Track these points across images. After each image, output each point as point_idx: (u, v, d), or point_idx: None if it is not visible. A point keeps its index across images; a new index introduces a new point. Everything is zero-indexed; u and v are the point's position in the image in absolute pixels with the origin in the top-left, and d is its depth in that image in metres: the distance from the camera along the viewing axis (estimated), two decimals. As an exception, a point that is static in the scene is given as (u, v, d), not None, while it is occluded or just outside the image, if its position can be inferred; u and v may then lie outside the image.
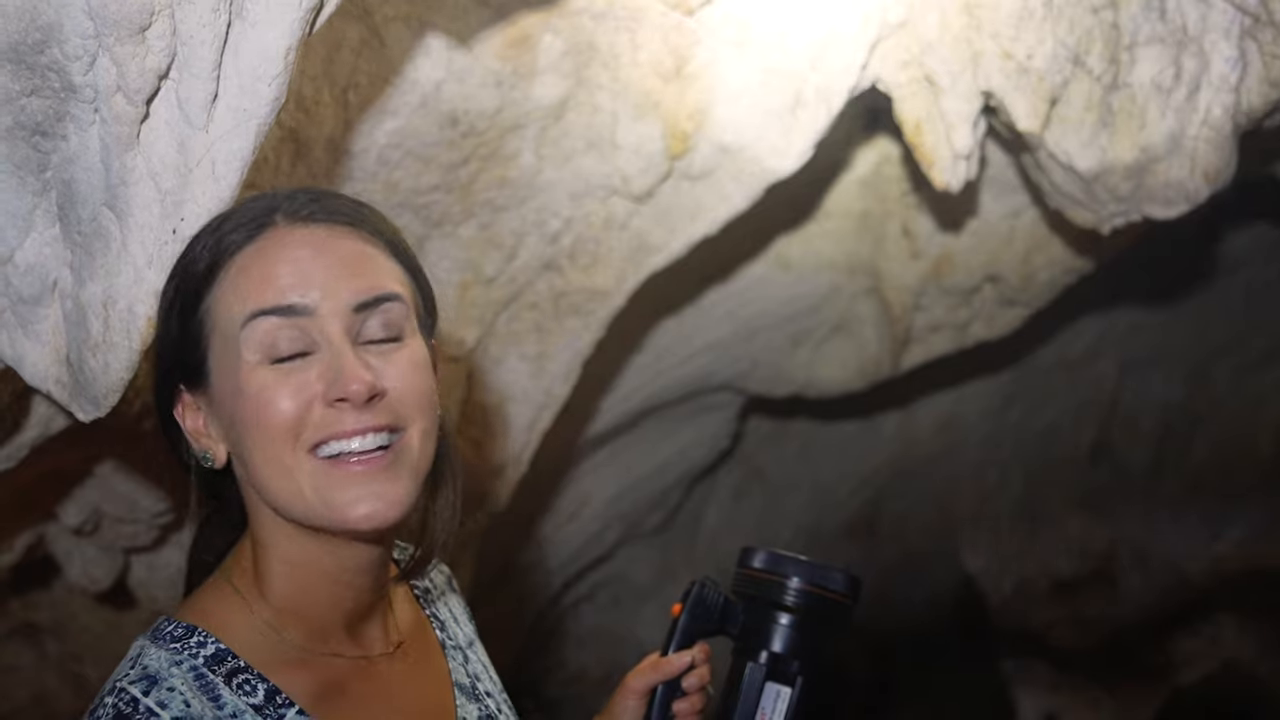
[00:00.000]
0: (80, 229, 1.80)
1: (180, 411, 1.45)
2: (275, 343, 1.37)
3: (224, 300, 1.39)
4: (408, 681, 1.59)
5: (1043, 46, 2.88)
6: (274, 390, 1.36)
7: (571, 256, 3.10)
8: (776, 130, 2.97)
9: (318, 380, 1.37)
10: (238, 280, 1.39)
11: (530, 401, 3.18)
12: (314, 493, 1.38)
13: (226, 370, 1.38)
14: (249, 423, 1.37)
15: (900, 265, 4.23)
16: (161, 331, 1.47)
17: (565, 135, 2.93)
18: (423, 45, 2.62)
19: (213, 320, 1.39)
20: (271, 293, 1.37)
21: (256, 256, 1.40)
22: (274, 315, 1.36)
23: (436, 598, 1.77)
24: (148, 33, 1.64)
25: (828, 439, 6.03)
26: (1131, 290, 5.99)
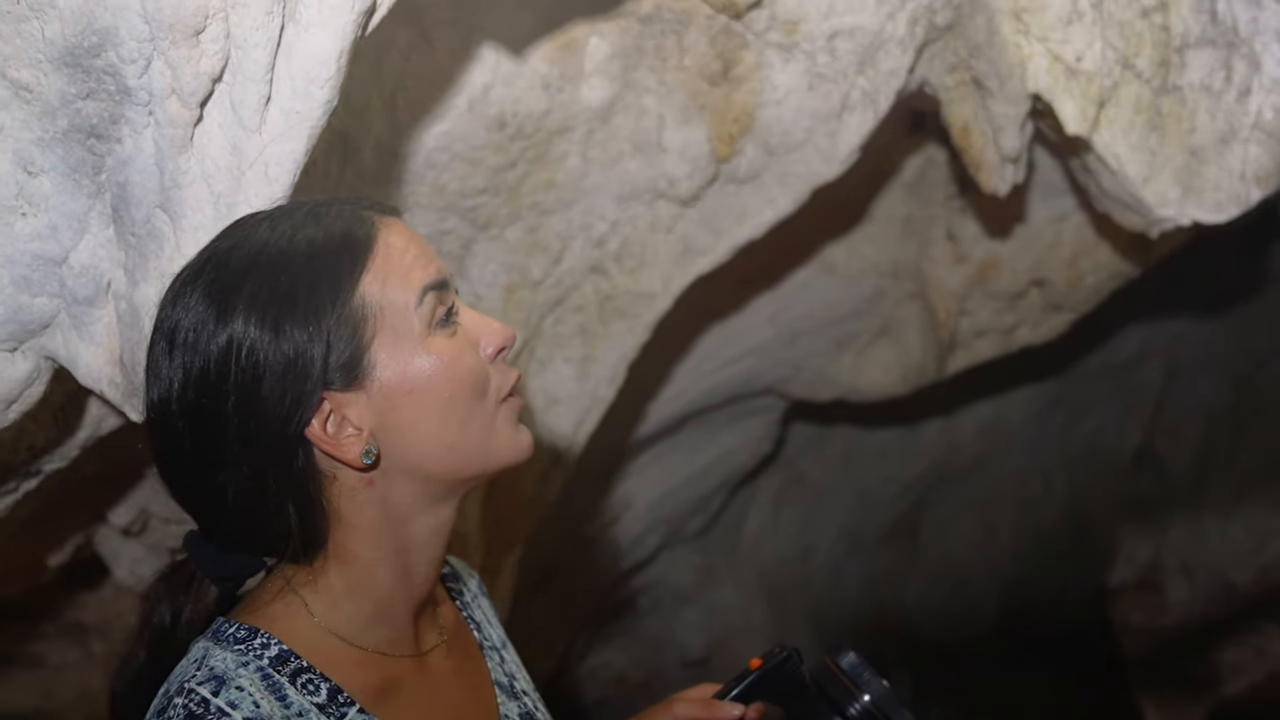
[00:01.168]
0: (134, 231, 1.81)
1: (322, 426, 1.39)
2: (438, 315, 1.44)
3: (385, 286, 1.41)
4: (455, 678, 1.62)
5: (1092, 49, 2.87)
6: (459, 354, 1.44)
7: (618, 259, 3.10)
8: (823, 133, 2.96)
9: (474, 337, 1.48)
10: (391, 266, 1.42)
11: (576, 404, 3.18)
12: (504, 436, 1.49)
13: (401, 351, 1.41)
14: (444, 388, 1.42)
15: (945, 269, 4.21)
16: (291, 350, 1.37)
17: (612, 138, 2.94)
18: (471, 49, 2.63)
19: (375, 307, 1.39)
20: (429, 268, 1.45)
21: (392, 242, 1.44)
22: (438, 289, 1.44)
23: (470, 600, 1.81)
24: (202, 36, 1.65)
25: (870, 444, 6.02)
26: (1178, 296, 5.96)
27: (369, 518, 1.45)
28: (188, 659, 1.41)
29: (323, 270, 1.38)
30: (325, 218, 1.43)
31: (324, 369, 1.37)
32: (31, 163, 1.76)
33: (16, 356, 1.91)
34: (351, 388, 1.40)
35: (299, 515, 1.42)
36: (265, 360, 1.35)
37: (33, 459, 2.41)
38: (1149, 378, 6.84)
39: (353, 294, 1.38)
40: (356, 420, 1.40)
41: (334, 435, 1.39)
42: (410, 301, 1.41)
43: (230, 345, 1.35)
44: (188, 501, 1.46)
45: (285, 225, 1.42)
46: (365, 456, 1.40)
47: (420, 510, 1.47)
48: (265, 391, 1.35)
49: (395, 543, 1.47)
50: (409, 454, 1.43)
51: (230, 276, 1.38)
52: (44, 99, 1.70)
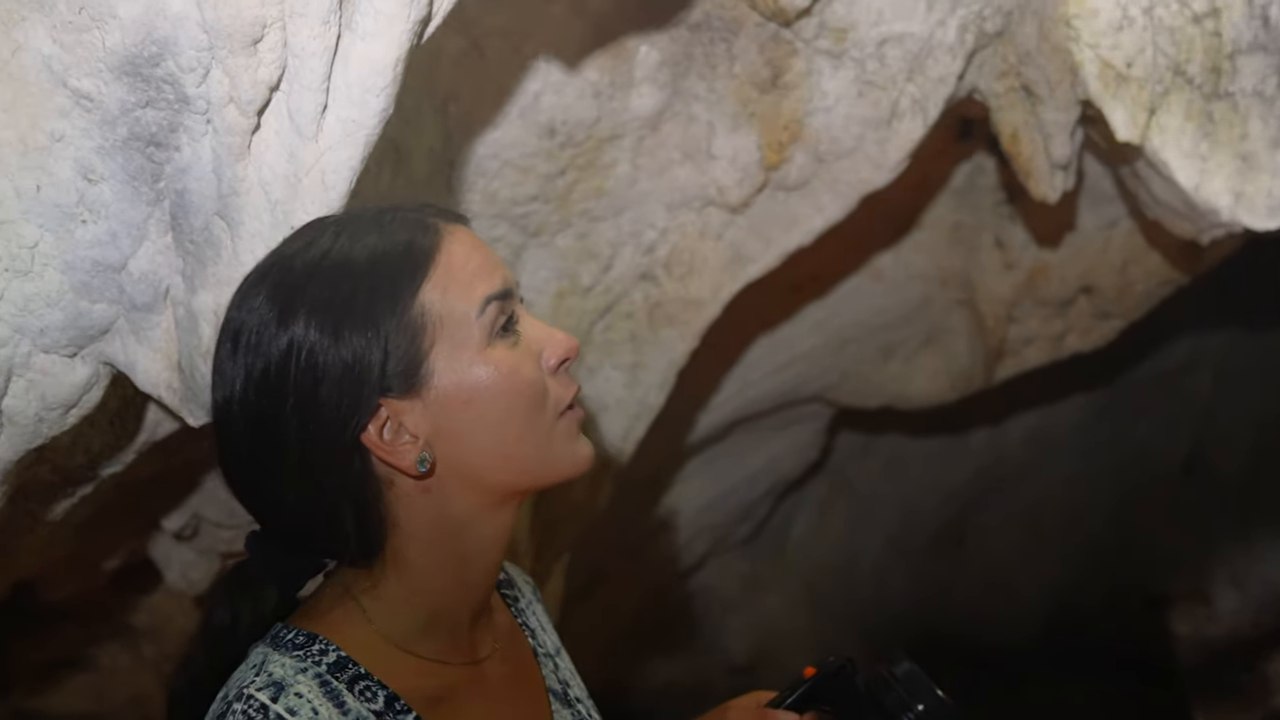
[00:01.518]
0: (192, 238, 1.83)
1: (379, 432, 1.40)
2: (499, 325, 1.44)
3: (446, 295, 1.41)
4: (510, 686, 1.62)
5: (1142, 55, 2.85)
6: (519, 364, 1.43)
7: (667, 267, 3.11)
8: (872, 140, 2.96)
9: (536, 348, 1.47)
10: (451, 276, 1.42)
11: (625, 411, 3.19)
12: (562, 448, 1.47)
13: (461, 360, 1.41)
14: (502, 399, 1.42)
15: (993, 277, 4.20)
16: (349, 355, 1.38)
17: (661, 145, 2.95)
18: (521, 57, 2.65)
19: (436, 314, 1.40)
20: (493, 277, 1.45)
21: (455, 251, 1.44)
22: (501, 299, 1.44)
23: (525, 607, 1.81)
24: (259, 45, 1.67)
25: (916, 452, 6.01)
26: (1228, 302, 5.92)
27: (426, 525, 1.46)
28: (246, 664, 1.42)
29: (384, 277, 1.40)
30: (390, 225, 1.45)
31: (381, 375, 1.38)
32: (92, 170, 1.78)
33: (76, 362, 1.93)
34: (409, 395, 1.40)
35: (355, 519, 1.43)
36: (324, 364, 1.37)
37: (90, 464, 2.44)
38: (1199, 385, 6.79)
39: (413, 302, 1.39)
40: (413, 428, 1.41)
41: (390, 442, 1.40)
42: (471, 311, 1.41)
43: (290, 348, 1.37)
44: (248, 500, 1.48)
45: (350, 231, 1.44)
46: (420, 464, 1.40)
47: (477, 519, 1.47)
48: (323, 395, 1.37)
49: (452, 550, 1.48)
50: (465, 463, 1.43)
51: (294, 279, 1.40)
52: (104, 108, 1.72)
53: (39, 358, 1.89)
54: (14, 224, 1.78)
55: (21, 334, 1.85)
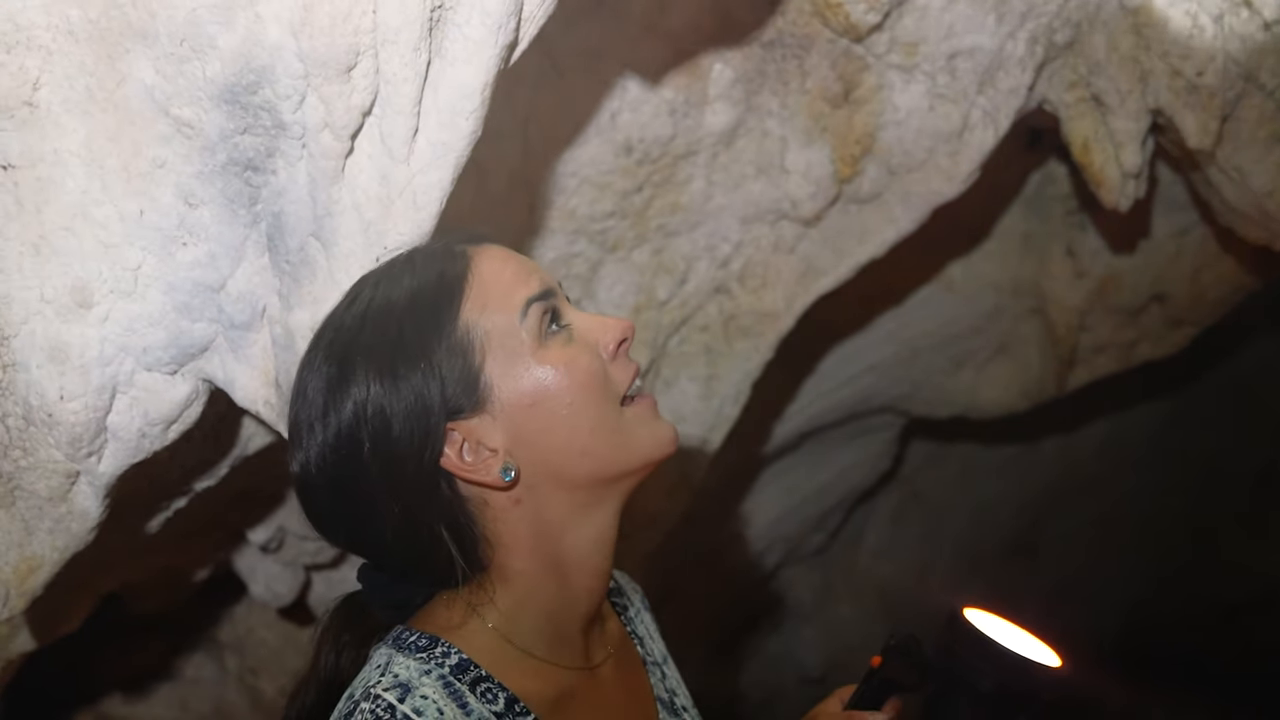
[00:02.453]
0: (288, 258, 1.89)
1: (454, 455, 1.45)
2: (546, 324, 1.49)
3: (486, 309, 1.46)
4: (622, 693, 1.67)
5: (1213, 64, 2.86)
6: (576, 357, 1.49)
7: (741, 280, 3.15)
8: (944, 152, 2.99)
9: (591, 338, 1.52)
10: (492, 287, 1.48)
11: (700, 422, 3.23)
12: (641, 433, 1.52)
13: (515, 368, 1.46)
14: (564, 396, 1.46)
15: (1064, 285, 4.20)
16: (411, 392, 1.44)
17: (735, 161, 2.98)
18: (598, 76, 2.70)
19: (480, 330, 1.45)
20: (529, 281, 1.50)
21: (485, 268, 1.50)
22: (540, 300, 1.49)
23: (635, 615, 1.85)
24: (353, 72, 1.73)
25: (988, 461, 5.98)
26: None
27: (525, 536, 1.50)
28: (371, 665, 1.47)
29: (425, 311, 1.46)
30: (420, 263, 1.52)
31: (443, 401, 1.44)
32: (192, 195, 1.84)
33: (177, 379, 2.00)
34: (476, 413, 1.46)
35: (456, 543, 1.48)
36: (390, 409, 1.43)
37: (184, 478, 2.51)
38: (1272, 393, 6.72)
39: (456, 325, 1.45)
40: (490, 442, 1.46)
41: (472, 461, 1.46)
42: (514, 318, 1.47)
43: (356, 404, 1.44)
44: (352, 548, 1.55)
45: (387, 280, 1.52)
46: (505, 474, 1.45)
47: (574, 522, 1.51)
48: (396, 436, 1.43)
49: (555, 557, 1.52)
50: (547, 465, 1.47)
51: (346, 338, 1.48)
52: (204, 134, 1.78)
53: (141, 375, 1.95)
54: (118, 248, 1.84)
55: (125, 353, 1.91)
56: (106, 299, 1.87)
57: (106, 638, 3.76)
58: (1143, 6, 2.85)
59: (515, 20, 1.78)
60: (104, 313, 1.87)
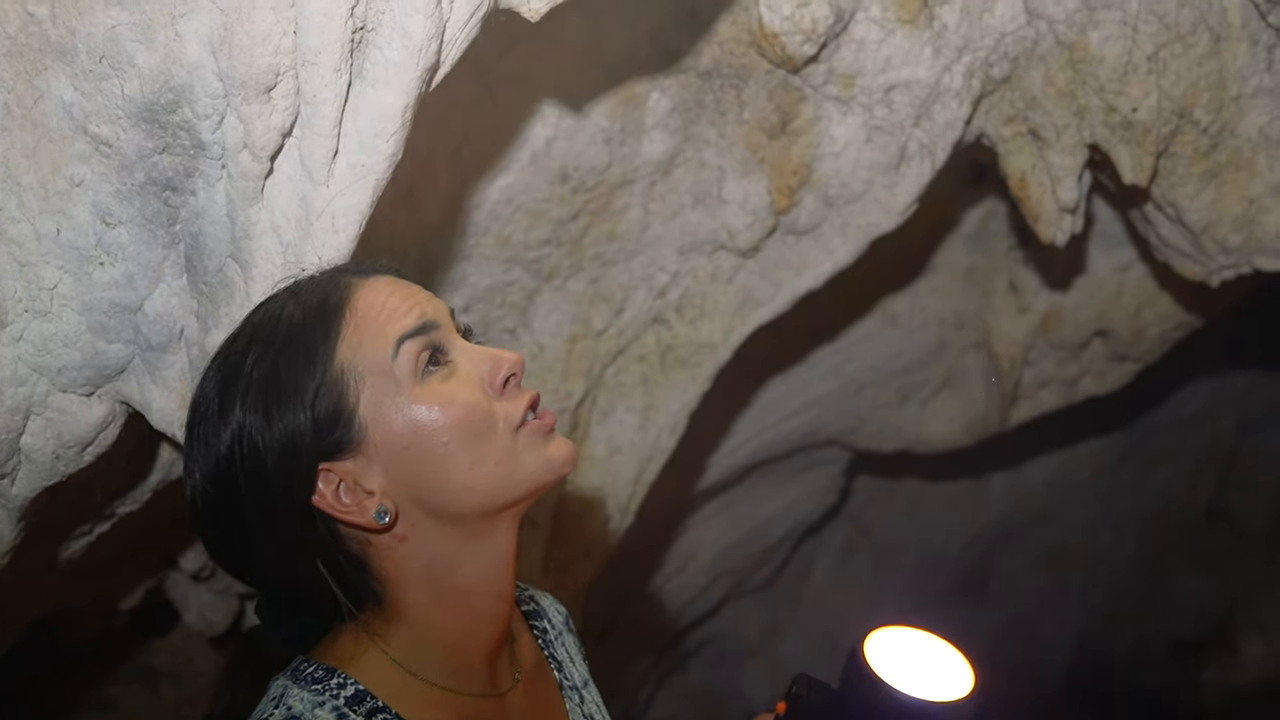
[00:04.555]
0: (206, 280, 1.87)
1: (325, 494, 1.42)
2: (424, 360, 1.45)
3: (360, 348, 1.43)
4: (532, 718, 1.63)
5: (1148, 99, 2.88)
6: (453, 393, 1.44)
7: (678, 310, 3.14)
8: (881, 184, 2.99)
9: (474, 372, 1.47)
10: (365, 326, 1.44)
11: (637, 453, 3.21)
12: (529, 459, 1.47)
13: (388, 408, 1.42)
14: (439, 434, 1.43)
15: (1008, 320, 4.21)
16: (283, 431, 1.42)
17: (673, 190, 2.98)
18: (534, 103, 2.69)
19: (353, 371, 1.42)
20: (404, 319, 1.45)
21: (368, 302, 1.46)
22: (417, 336, 1.44)
23: (554, 639, 1.81)
24: (273, 92, 1.72)
25: (937, 497, 5.99)
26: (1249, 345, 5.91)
27: (415, 571, 1.47)
28: (266, 697, 1.45)
29: (300, 348, 1.43)
30: (304, 293, 1.49)
31: (315, 442, 1.41)
32: (110, 214, 1.82)
33: (93, 401, 1.97)
34: (350, 454, 1.43)
35: (337, 580, 1.45)
36: (263, 446, 1.40)
37: (106, 502, 2.48)
38: (1221, 430, 6.77)
39: (330, 363, 1.42)
40: (366, 483, 1.43)
41: (348, 503, 1.42)
42: (387, 357, 1.43)
43: (233, 438, 1.42)
44: (239, 578, 1.53)
45: (273, 308, 1.49)
46: (379, 517, 1.42)
47: (467, 552, 1.48)
48: (268, 473, 1.41)
49: (451, 588, 1.49)
50: (429, 503, 1.45)
51: (229, 367, 1.45)
52: (122, 153, 1.76)
53: (56, 396, 1.93)
54: (34, 266, 1.82)
55: (40, 373, 1.89)
56: (21, 318, 1.84)
57: (37, 669, 3.71)
58: (1079, 42, 2.87)
59: (437, 43, 1.77)
60: (18, 332, 1.85)
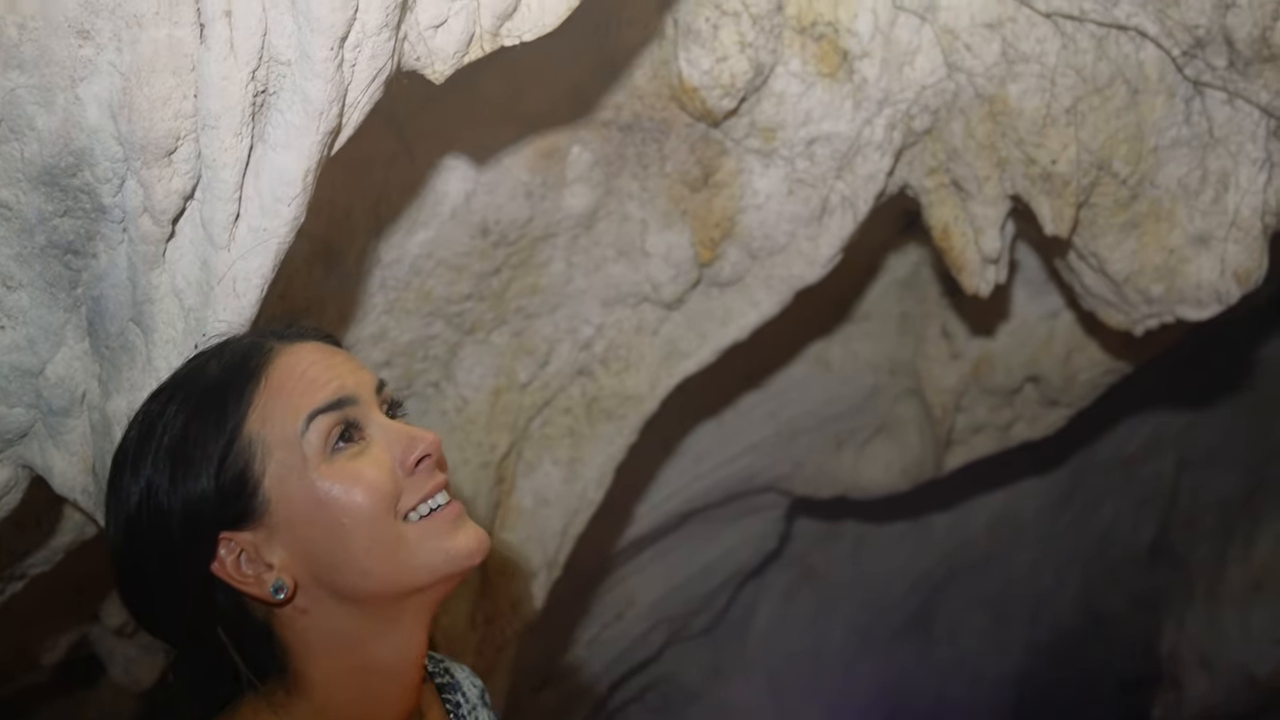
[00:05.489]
0: (108, 344, 1.85)
1: (225, 562, 1.40)
2: (335, 436, 1.42)
3: (270, 419, 1.41)
4: None
5: (1067, 151, 2.91)
6: (359, 473, 1.42)
7: (604, 362, 3.13)
8: (804, 236, 3.00)
9: (387, 454, 1.44)
10: (278, 398, 1.42)
11: (564, 506, 3.20)
12: (428, 550, 1.44)
13: (293, 483, 1.40)
14: (340, 515, 1.40)
15: (941, 366, 4.23)
16: (186, 495, 1.40)
17: (596, 244, 2.98)
18: (452, 158, 2.69)
19: (261, 442, 1.40)
20: (319, 393, 1.43)
21: (284, 372, 1.44)
22: (329, 411, 1.42)
23: (468, 713, 1.78)
24: (173, 156, 1.70)
25: (880, 538, 6.00)
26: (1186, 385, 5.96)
27: (318, 645, 1.45)
28: None
29: (210, 410, 1.42)
30: (227, 352, 1.48)
31: (218, 510, 1.39)
32: (10, 277, 1.80)
33: (-5, 465, 1.95)
34: (252, 525, 1.41)
35: (239, 649, 1.43)
36: (167, 509, 1.39)
37: (14, 562, 2.44)
38: (1162, 469, 6.81)
39: (239, 431, 1.40)
40: (267, 556, 1.40)
41: (248, 574, 1.40)
42: (295, 431, 1.41)
43: (140, 498, 1.40)
44: (151, 633, 1.50)
45: (199, 363, 1.48)
46: (275, 592, 1.40)
47: (371, 634, 1.46)
48: (171, 537, 1.39)
49: (354, 666, 1.47)
50: (329, 582, 1.42)
51: (145, 425, 1.44)
52: (22, 216, 1.74)
53: (-44, 461, 1.91)
54: (-69, 331, 1.80)
55: (-61, 438, 1.86)
56: (-81, 383, 1.82)
57: (-39, 722, 3.66)
58: (998, 95, 2.90)
59: (338, 106, 1.76)
60: (-84, 397, 1.83)
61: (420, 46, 1.87)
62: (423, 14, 1.85)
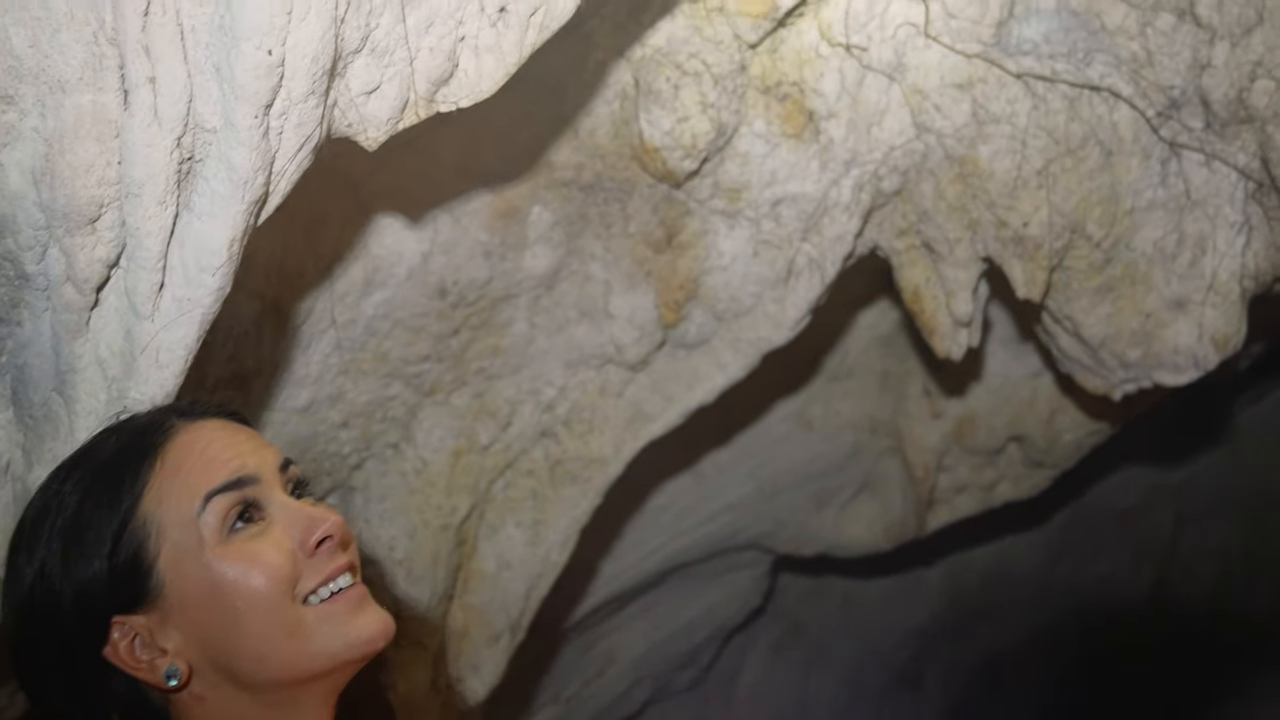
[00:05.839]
0: (31, 413, 1.81)
1: (118, 647, 1.35)
2: (233, 517, 1.38)
3: (166, 499, 1.36)
4: None
5: (1038, 214, 2.86)
6: (257, 555, 1.36)
7: (567, 424, 3.09)
8: (770, 299, 2.96)
9: (287, 535, 1.39)
10: (174, 478, 1.37)
11: (527, 569, 3.14)
12: (326, 635, 1.38)
13: (188, 565, 1.35)
14: (235, 598, 1.35)
15: (922, 425, 4.18)
16: (78, 577, 1.35)
17: (558, 304, 2.94)
18: (409, 218, 2.65)
19: (156, 523, 1.35)
20: (218, 472, 1.38)
21: (182, 451, 1.40)
22: (227, 491, 1.38)
23: None
24: (97, 224, 1.67)
25: (870, 592, 5.93)
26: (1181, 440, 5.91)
27: None
28: None
29: (105, 490, 1.37)
30: (126, 429, 1.43)
31: (111, 593, 1.34)
32: (-68, 346, 1.77)
33: (-85, 536, 1.90)
34: (146, 609, 1.36)
35: None
36: (59, 591, 1.34)
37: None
38: (1159, 521, 6.75)
39: (134, 512, 1.36)
40: (161, 641, 1.36)
41: (142, 659, 1.35)
42: (192, 512, 1.36)
43: (34, 579, 1.36)
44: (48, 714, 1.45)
45: (101, 438, 1.44)
46: (168, 679, 1.35)
47: None
48: (64, 618, 1.34)
49: None
50: (225, 668, 1.37)
51: (48, 496, 1.40)
52: (-56, 284, 1.71)
53: (-125, 532, 1.86)
54: None
55: None
56: None
57: None
58: (968, 156, 2.86)
59: (264, 175, 1.72)
60: None
61: (352, 113, 1.83)
62: (354, 80, 1.81)
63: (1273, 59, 2.79)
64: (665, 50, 2.64)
